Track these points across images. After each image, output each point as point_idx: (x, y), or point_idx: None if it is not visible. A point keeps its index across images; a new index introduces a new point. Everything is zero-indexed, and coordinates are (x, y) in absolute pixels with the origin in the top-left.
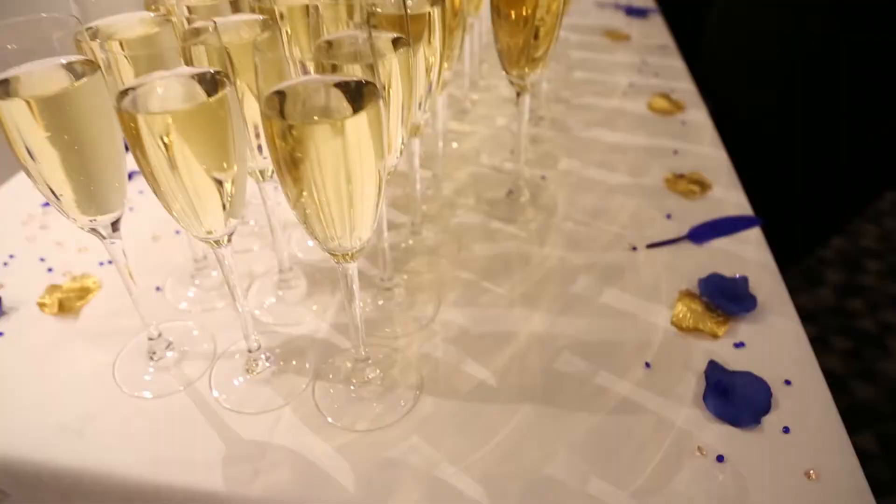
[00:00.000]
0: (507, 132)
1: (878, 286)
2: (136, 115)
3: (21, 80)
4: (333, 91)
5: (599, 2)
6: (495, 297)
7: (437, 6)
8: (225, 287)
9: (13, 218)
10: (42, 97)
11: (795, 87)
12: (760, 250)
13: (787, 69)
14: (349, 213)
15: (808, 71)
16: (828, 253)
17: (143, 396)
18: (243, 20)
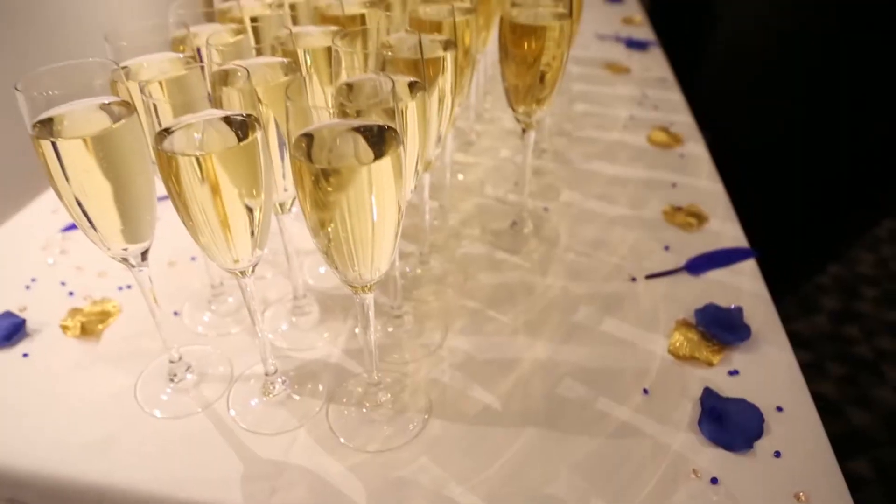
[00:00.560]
0: (510, 164)
1: (874, 313)
2: (175, 156)
3: (63, 120)
4: (357, 135)
5: (600, 34)
6: (500, 325)
7: (449, 50)
8: (240, 313)
9: (34, 242)
10: (82, 137)
11: (794, 118)
12: (755, 281)
13: (785, 101)
14: (370, 248)
15: (807, 103)
16: (825, 279)
17: (164, 417)
18: (267, 63)
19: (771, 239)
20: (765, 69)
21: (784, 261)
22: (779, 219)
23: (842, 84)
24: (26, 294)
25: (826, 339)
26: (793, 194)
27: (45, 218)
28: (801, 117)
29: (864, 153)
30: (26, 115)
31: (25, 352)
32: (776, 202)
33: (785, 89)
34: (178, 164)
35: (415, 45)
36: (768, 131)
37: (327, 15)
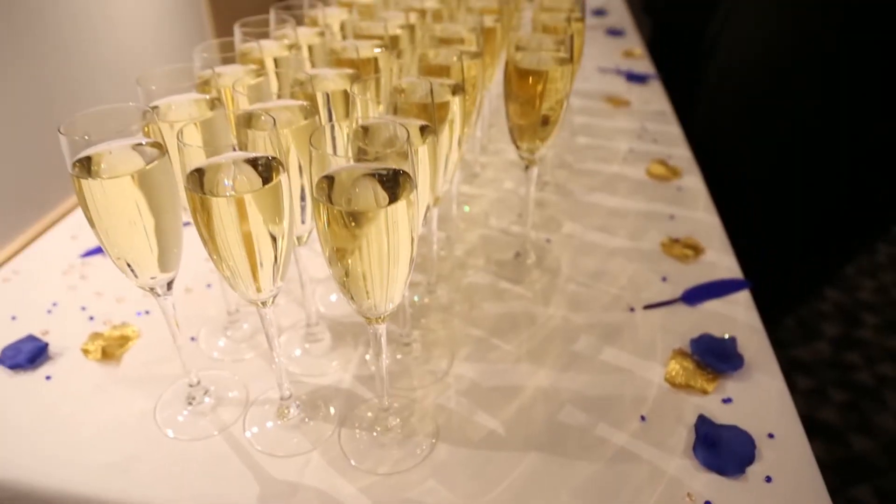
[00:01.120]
0: (514, 195)
1: (875, 340)
2: (206, 197)
3: (100, 161)
4: (374, 178)
5: (602, 67)
6: (504, 353)
7: (457, 94)
8: (254, 339)
9: (55, 267)
10: (117, 177)
11: (793, 147)
12: (749, 312)
13: (782, 133)
14: (386, 282)
15: (803, 133)
16: (825, 306)
17: (182, 439)
18: (287, 105)
19: (769, 265)
20: (761, 101)
21: (782, 286)
22: (774, 244)
23: (837, 116)
24: (48, 318)
25: (827, 365)
26: (790, 221)
27: (66, 244)
28: (798, 146)
29: (861, 182)
30: (67, 155)
31: (48, 374)
32: (774, 229)
33: (780, 121)
34: (209, 204)
35: (425, 90)
36: (766, 159)
37: (343, 58)
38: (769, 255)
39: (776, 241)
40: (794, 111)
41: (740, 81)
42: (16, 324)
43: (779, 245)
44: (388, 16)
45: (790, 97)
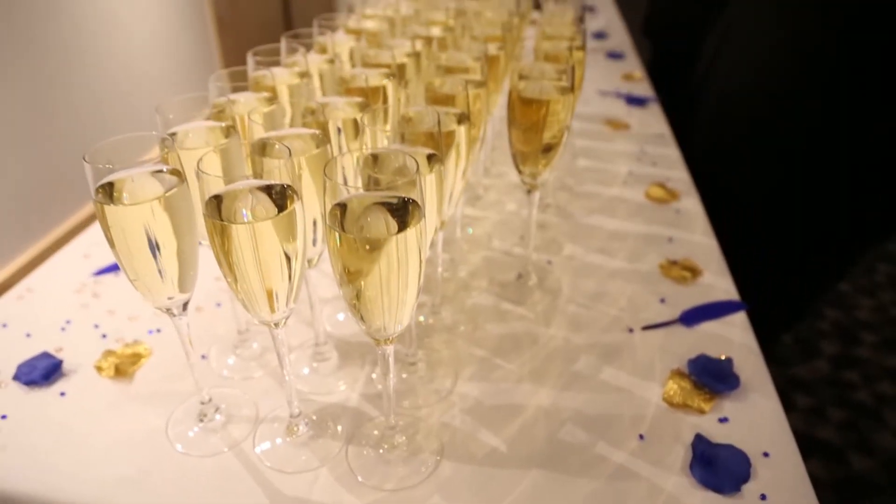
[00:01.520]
0: (516, 217)
1: (873, 358)
2: (225, 224)
3: (122, 187)
4: (384, 206)
5: (602, 90)
6: (506, 372)
7: (463, 124)
8: (263, 358)
9: (67, 286)
10: (138, 203)
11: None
12: (745, 333)
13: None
14: (395, 305)
15: (802, 154)
16: (824, 325)
17: (194, 455)
18: (298, 134)
19: (766, 284)
20: (759, 123)
21: (779, 304)
22: (775, 263)
23: (837, 136)
24: (62, 335)
25: (826, 383)
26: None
27: (78, 262)
28: (797, 167)
29: (859, 201)
30: (90, 181)
31: (62, 391)
32: (772, 247)
33: (779, 141)
34: (228, 231)
35: (432, 120)
36: (764, 179)
37: (352, 87)
38: (767, 274)
39: (774, 259)
40: (792, 132)
41: (739, 103)
42: (30, 341)
43: (776, 263)
44: (394, 43)
45: (789, 118)
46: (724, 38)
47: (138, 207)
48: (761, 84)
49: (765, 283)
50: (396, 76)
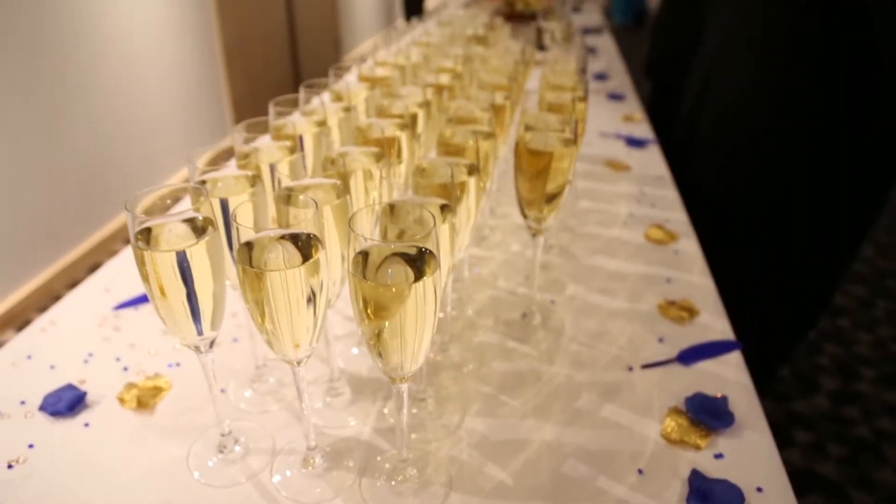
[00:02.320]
0: (520, 257)
1: (873, 394)
2: (258, 271)
3: (158, 234)
4: (403, 255)
5: (603, 132)
6: (511, 409)
7: (473, 175)
8: (279, 392)
9: (89, 319)
10: (174, 250)
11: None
12: (740, 372)
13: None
14: (412, 347)
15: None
16: (823, 360)
17: (214, 485)
18: (319, 184)
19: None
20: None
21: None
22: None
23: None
24: (85, 368)
25: (826, 419)
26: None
27: (99, 296)
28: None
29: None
30: (130, 228)
31: (87, 421)
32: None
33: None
34: (258, 277)
35: (444, 173)
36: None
37: (368, 137)
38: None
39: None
40: (771, 171)
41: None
42: (54, 372)
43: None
44: (406, 91)
45: (766, 155)
46: (706, 78)
47: (174, 253)
48: (738, 120)
49: (762, 312)
50: (410, 127)
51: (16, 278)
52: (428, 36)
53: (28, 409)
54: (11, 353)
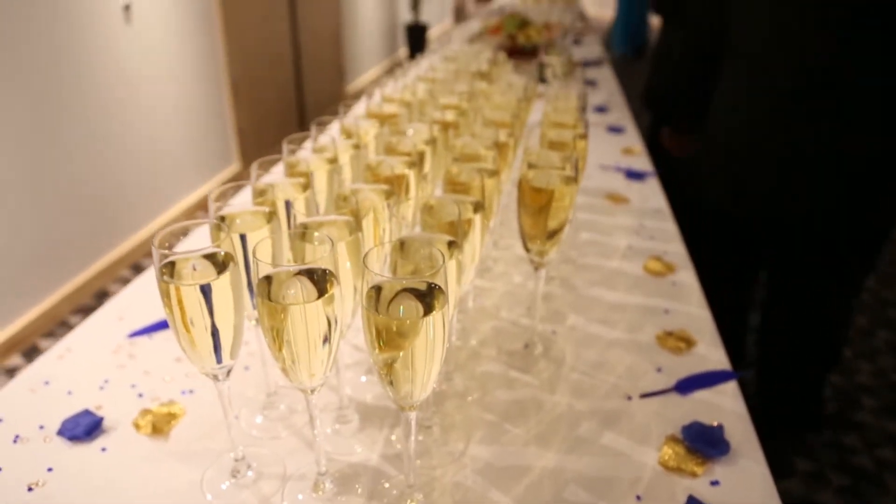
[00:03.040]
0: (523, 289)
1: (874, 423)
2: (276, 304)
3: (182, 267)
4: (413, 291)
5: (603, 165)
6: (514, 436)
7: (478, 212)
8: (289, 419)
9: (105, 347)
10: (197, 284)
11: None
12: (735, 401)
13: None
14: (422, 377)
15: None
16: (824, 389)
17: None
18: (333, 220)
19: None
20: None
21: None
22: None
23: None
24: (101, 394)
25: (827, 448)
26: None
27: (113, 324)
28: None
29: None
30: (156, 263)
31: (104, 446)
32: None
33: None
34: (279, 310)
35: (451, 211)
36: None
37: (378, 174)
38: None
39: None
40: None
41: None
42: (72, 398)
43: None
44: (413, 128)
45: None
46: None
47: (197, 287)
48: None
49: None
50: (417, 164)
51: (22, 303)
52: (434, 72)
53: (47, 434)
54: (30, 379)
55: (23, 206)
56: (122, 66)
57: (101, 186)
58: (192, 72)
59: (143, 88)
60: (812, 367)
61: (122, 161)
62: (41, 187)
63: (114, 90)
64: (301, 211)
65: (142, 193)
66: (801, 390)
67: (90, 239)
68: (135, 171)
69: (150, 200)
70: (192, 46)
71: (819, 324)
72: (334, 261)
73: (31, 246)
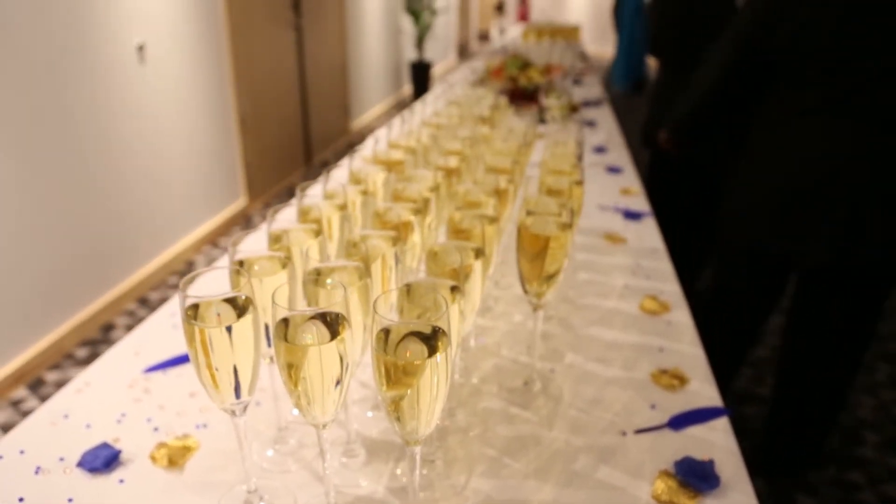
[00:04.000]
0: (523, 328)
1: (877, 459)
2: (293, 346)
3: (206, 310)
4: (420, 333)
5: (601, 205)
6: (513, 470)
7: (479, 259)
8: (298, 453)
9: (121, 381)
10: (222, 325)
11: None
12: (726, 437)
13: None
14: (426, 413)
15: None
16: (832, 429)
17: None
18: (344, 266)
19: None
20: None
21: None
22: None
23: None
24: (118, 427)
25: (831, 484)
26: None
27: (130, 359)
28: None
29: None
30: (181, 306)
31: (121, 478)
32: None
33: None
34: (295, 350)
35: (454, 258)
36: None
37: (386, 221)
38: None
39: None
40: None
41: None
42: (90, 431)
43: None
44: (418, 174)
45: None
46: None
47: (221, 328)
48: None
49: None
50: (422, 211)
51: (28, 335)
52: (438, 117)
53: (66, 466)
54: (50, 412)
55: (31, 238)
56: (134, 103)
57: (110, 219)
58: (202, 108)
59: (154, 125)
60: (825, 407)
61: (130, 195)
62: (50, 220)
63: (125, 127)
64: (315, 257)
65: (149, 227)
66: (813, 430)
67: (97, 271)
68: (143, 204)
69: (157, 233)
70: (202, 84)
71: (839, 365)
72: (346, 305)
73: (37, 278)
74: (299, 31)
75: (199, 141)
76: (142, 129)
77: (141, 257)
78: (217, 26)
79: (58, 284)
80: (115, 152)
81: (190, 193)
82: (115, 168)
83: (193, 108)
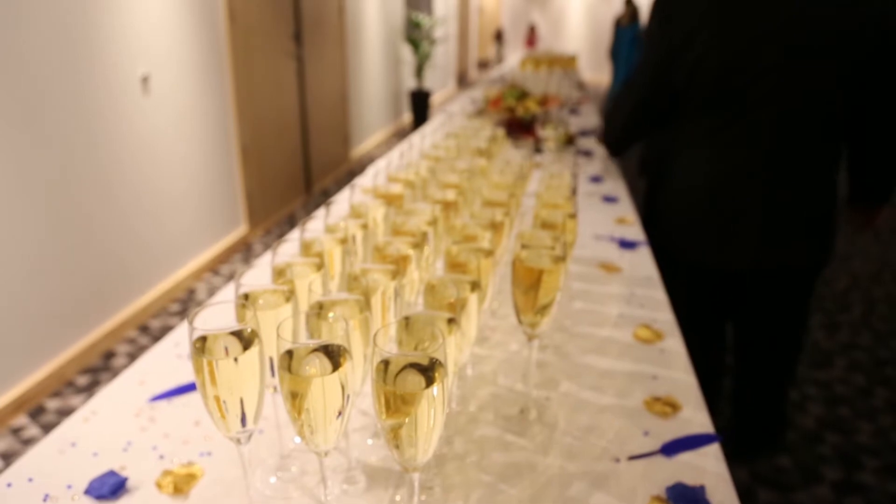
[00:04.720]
0: (518, 357)
1: (876, 484)
2: (298, 377)
3: (213, 343)
4: (417, 365)
5: (597, 234)
6: (509, 497)
7: (475, 292)
8: (300, 481)
9: (127, 410)
10: (227, 358)
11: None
12: (718, 463)
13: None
14: (425, 441)
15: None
16: (825, 449)
17: None
18: (345, 299)
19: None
20: None
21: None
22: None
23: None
24: (124, 455)
25: None
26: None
27: (135, 388)
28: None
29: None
30: (189, 339)
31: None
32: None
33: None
34: (300, 381)
35: (450, 290)
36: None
37: (385, 254)
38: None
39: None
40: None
41: None
42: (97, 459)
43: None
44: (416, 208)
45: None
46: None
47: (227, 360)
48: None
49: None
50: (420, 244)
51: (29, 364)
52: (436, 149)
53: (74, 493)
54: (58, 440)
55: (32, 265)
56: (138, 133)
57: (112, 247)
58: (204, 137)
59: (157, 154)
60: (779, 385)
61: (132, 222)
62: (51, 249)
63: (129, 155)
64: (317, 290)
65: (150, 254)
66: (771, 406)
67: (98, 299)
68: (145, 232)
69: (158, 261)
70: (204, 113)
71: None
72: (348, 338)
73: (38, 306)
74: (300, 61)
75: (200, 169)
76: (145, 157)
77: (142, 285)
78: (220, 56)
79: (59, 312)
80: (118, 180)
81: (191, 221)
82: (118, 196)
83: (196, 137)
